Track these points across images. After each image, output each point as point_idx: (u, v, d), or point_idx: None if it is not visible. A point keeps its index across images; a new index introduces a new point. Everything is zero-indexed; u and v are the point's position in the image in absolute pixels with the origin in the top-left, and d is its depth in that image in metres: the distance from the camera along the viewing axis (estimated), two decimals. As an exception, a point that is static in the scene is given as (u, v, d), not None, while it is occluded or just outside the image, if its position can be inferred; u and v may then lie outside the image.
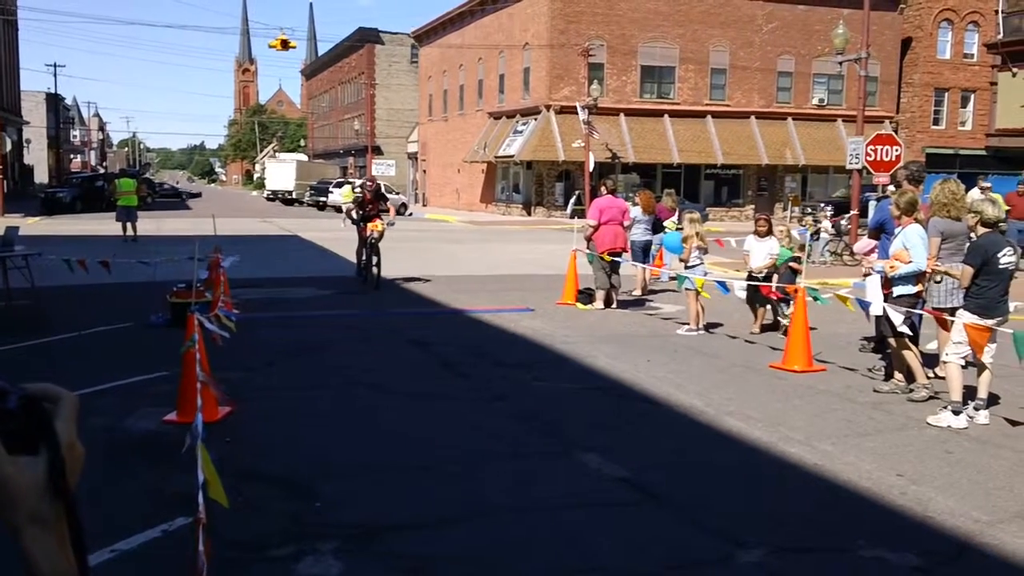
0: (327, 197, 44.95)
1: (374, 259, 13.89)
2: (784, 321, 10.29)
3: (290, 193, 56.76)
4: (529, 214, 41.49)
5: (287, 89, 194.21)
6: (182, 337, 6.29)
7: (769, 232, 10.49)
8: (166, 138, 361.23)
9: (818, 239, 16.96)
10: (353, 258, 15.23)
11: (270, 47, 34.45)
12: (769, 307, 10.73)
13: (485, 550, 4.31)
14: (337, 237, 25.90)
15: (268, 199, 61.09)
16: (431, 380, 8.01)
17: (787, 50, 42.30)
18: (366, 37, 67.07)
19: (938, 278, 7.29)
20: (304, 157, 70.79)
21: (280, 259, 19.04)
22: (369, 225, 13.93)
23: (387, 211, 14.56)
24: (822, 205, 32.21)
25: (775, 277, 10.45)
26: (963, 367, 6.72)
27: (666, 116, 40.57)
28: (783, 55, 42.31)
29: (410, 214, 46.07)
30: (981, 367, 6.78)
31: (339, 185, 45.72)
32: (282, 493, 5.07)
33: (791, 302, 9.46)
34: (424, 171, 59.02)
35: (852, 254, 19.17)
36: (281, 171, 59.21)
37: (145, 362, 8.06)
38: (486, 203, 47.12)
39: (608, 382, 7.95)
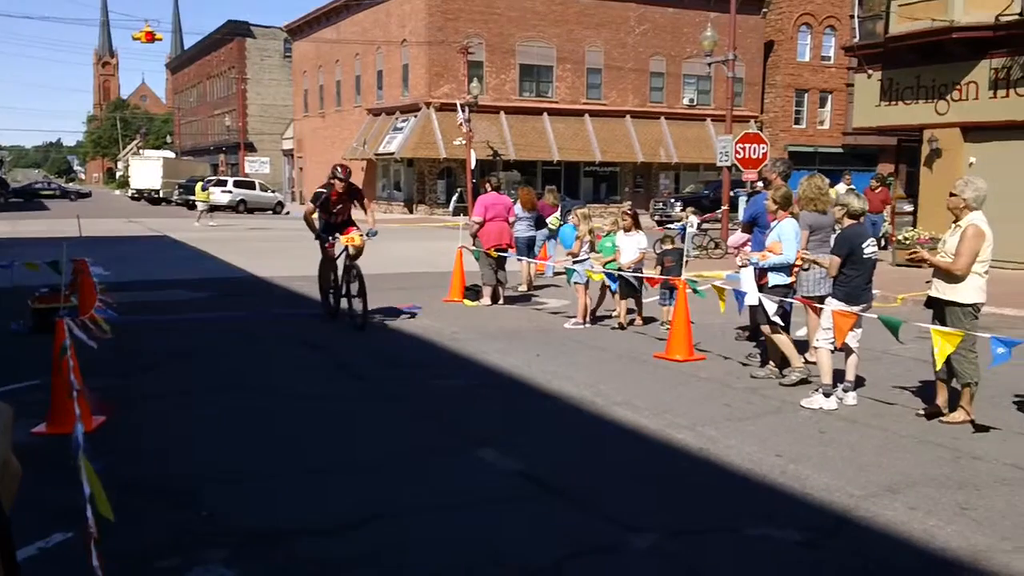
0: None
1: (354, 287, 10.06)
2: (634, 316, 10.68)
3: (157, 192, 54.60)
4: (411, 212, 41.29)
5: (151, 83, 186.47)
6: (48, 344, 5.96)
7: (636, 226, 10.71)
8: (19, 135, 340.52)
9: (683, 234, 17.55)
10: (231, 259, 14.18)
11: (134, 39, 33.02)
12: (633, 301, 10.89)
13: (387, 551, 4.27)
14: (209, 237, 25.10)
15: (133, 198, 58.58)
16: (321, 382, 7.87)
17: (658, 51, 43.58)
18: (236, 30, 65.13)
19: (806, 266, 7.68)
20: (171, 154, 68.12)
21: (151, 261, 18.27)
22: (343, 237, 10.13)
23: (367, 213, 10.71)
24: (672, 200, 33.34)
25: (658, 270, 10.75)
26: (832, 351, 7.10)
27: (545, 114, 41.15)
28: (655, 56, 43.57)
29: (287, 213, 45.04)
30: (848, 351, 7.19)
31: (218, 183, 44.30)
32: (166, 503, 4.88)
33: (673, 296, 9.74)
34: (301, 169, 57.83)
35: (717, 247, 19.95)
36: (147, 169, 56.85)
37: (8, 372, 7.60)
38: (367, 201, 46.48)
39: (500, 378, 8.01)
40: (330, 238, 10.26)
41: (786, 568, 4.13)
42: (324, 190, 10.15)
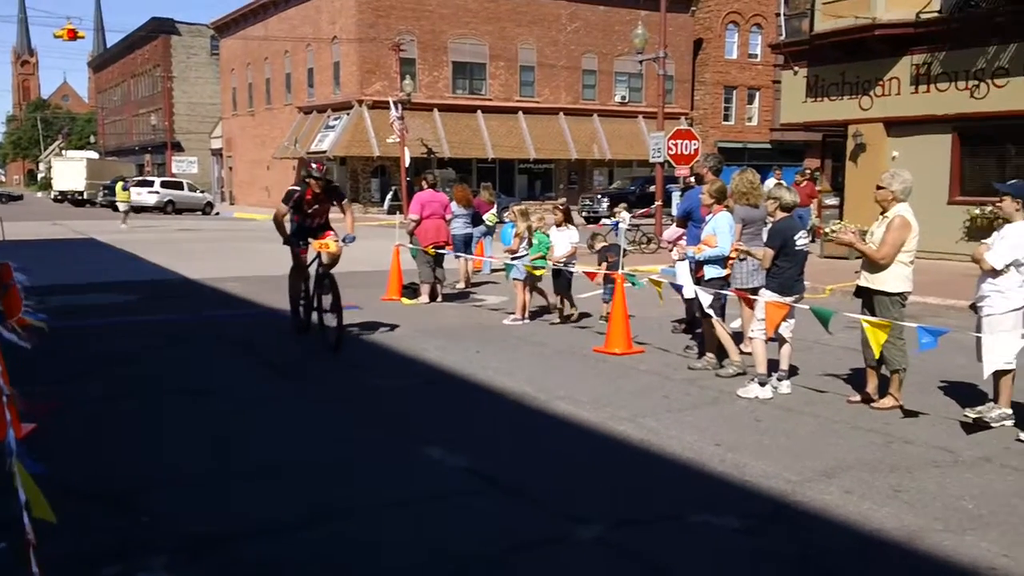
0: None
1: (326, 300, 8.87)
2: (571, 312, 10.71)
3: (81, 193, 53.01)
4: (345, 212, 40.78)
5: (73, 82, 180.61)
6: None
7: (567, 221, 10.78)
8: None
9: (616, 229, 17.76)
10: (161, 261, 13.64)
11: (56, 37, 31.96)
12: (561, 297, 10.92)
13: (334, 552, 4.24)
14: (136, 239, 24.49)
15: (56, 200, 56.75)
16: (261, 383, 7.76)
17: (590, 49, 43.94)
18: (161, 28, 63.62)
19: (741, 258, 7.84)
20: (95, 155, 66.20)
21: (78, 264, 17.73)
22: (316, 243, 9.10)
23: (345, 217, 9.54)
24: (599, 197, 33.68)
25: (603, 267, 10.84)
26: (765, 341, 7.26)
27: (479, 112, 41.15)
28: (587, 54, 43.91)
29: (216, 213, 44.21)
30: (782, 341, 7.37)
31: (145, 184, 43.22)
32: (104, 509, 4.76)
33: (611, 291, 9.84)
34: (230, 168, 56.76)
35: (650, 242, 20.23)
36: (70, 170, 55.13)
37: (-69, 380, 7.30)
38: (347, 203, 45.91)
39: (441, 375, 8.00)
40: (301, 243, 9.18)
41: (728, 554, 4.21)
42: (297, 188, 9.06)
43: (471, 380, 7.75)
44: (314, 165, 9.08)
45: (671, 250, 10.04)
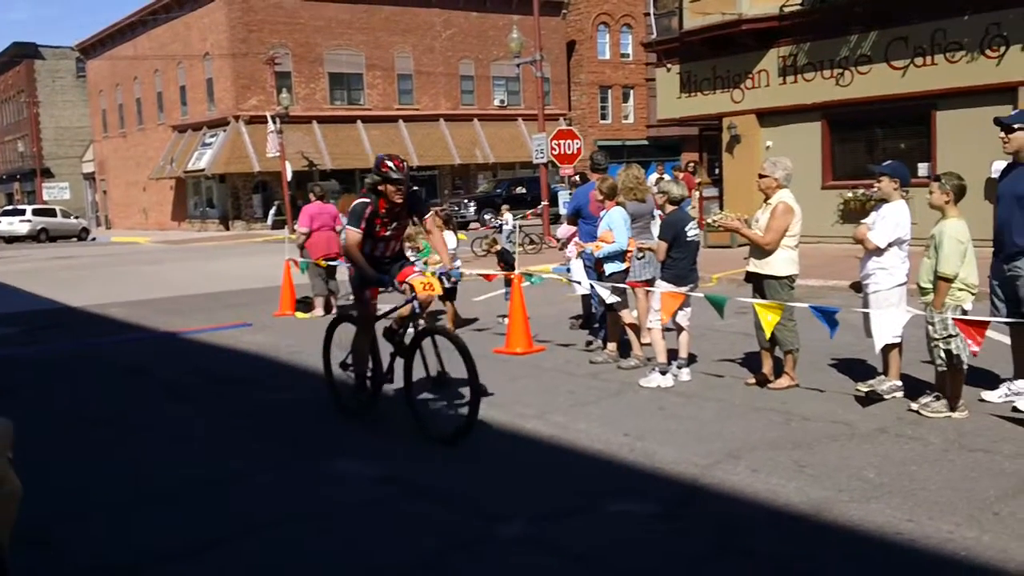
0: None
1: (431, 363, 6.08)
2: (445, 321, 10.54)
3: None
4: (227, 229, 39.71)
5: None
6: None
7: (446, 226, 10.69)
8: None
9: (501, 232, 17.87)
10: (39, 291, 12.69)
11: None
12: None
13: (254, 570, 4.07)
14: (11, 270, 23.13)
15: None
16: (157, 407, 7.43)
17: (466, 55, 44.07)
18: (23, 52, 60.40)
19: (641, 255, 7.97)
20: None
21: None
22: (416, 281, 6.15)
23: (431, 239, 6.82)
24: (466, 201, 33.74)
25: (501, 267, 10.81)
26: (664, 331, 7.39)
27: (359, 122, 40.70)
28: (463, 59, 44.02)
29: (93, 239, 42.28)
30: (680, 330, 7.51)
31: (16, 212, 41.05)
32: (10, 544, 4.42)
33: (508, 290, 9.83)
34: (105, 192, 54.37)
35: (533, 243, 20.40)
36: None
37: None
38: (179, 221, 44.42)
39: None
40: (388, 282, 6.16)
41: (648, 539, 4.25)
42: (368, 200, 6.13)
43: (375, 391, 7.59)
44: (391, 163, 6.01)
45: (563, 248, 10.11)
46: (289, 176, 33.29)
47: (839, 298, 10.55)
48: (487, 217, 32.69)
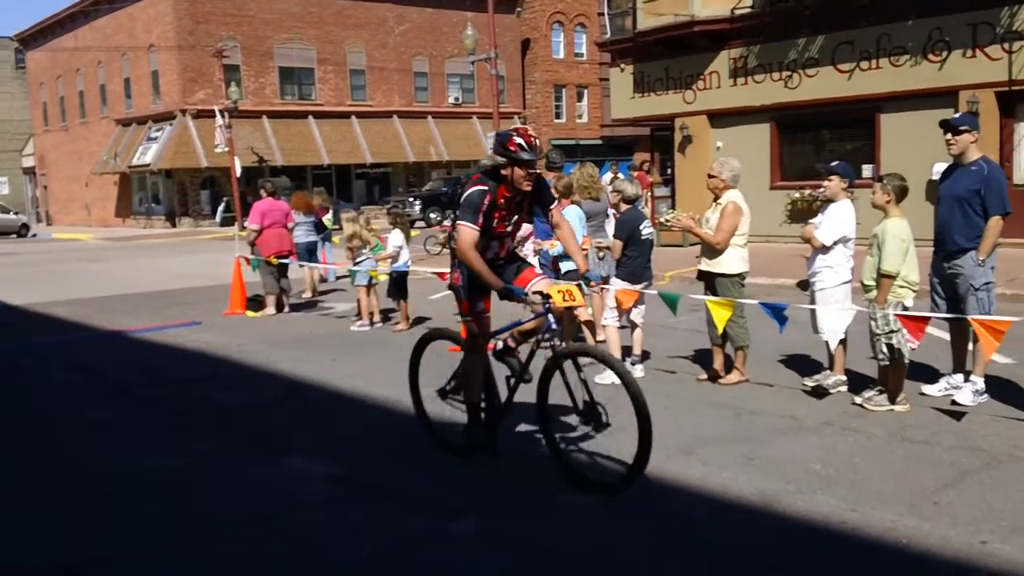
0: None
1: (577, 395, 4.95)
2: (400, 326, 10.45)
3: None
4: (174, 225, 39.07)
5: None
6: None
7: (394, 224, 10.65)
8: None
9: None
10: None
11: None
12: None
13: (205, 570, 4.04)
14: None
15: None
16: (104, 406, 7.29)
17: (420, 51, 43.90)
18: (-43, 42, 58.53)
19: (601, 255, 8.06)
20: None
21: None
22: (553, 289, 4.95)
23: (560, 233, 5.42)
24: (410, 199, 33.56)
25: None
26: (618, 328, 7.49)
27: (310, 117, 40.31)
28: (417, 56, 43.85)
29: (33, 235, 41.25)
30: (634, 327, 7.62)
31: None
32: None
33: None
34: (45, 187, 53.06)
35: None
36: None
37: None
38: (123, 217, 43.54)
39: (298, 385, 7.78)
40: (522, 293, 4.85)
41: (603, 532, 4.31)
42: (486, 187, 4.90)
43: (329, 387, 7.58)
44: (520, 139, 4.78)
45: (520, 247, 10.15)
46: (238, 172, 32.85)
47: (786, 296, 10.77)
48: (433, 216, 32.55)
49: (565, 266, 8.12)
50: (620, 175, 19.21)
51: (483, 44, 26.03)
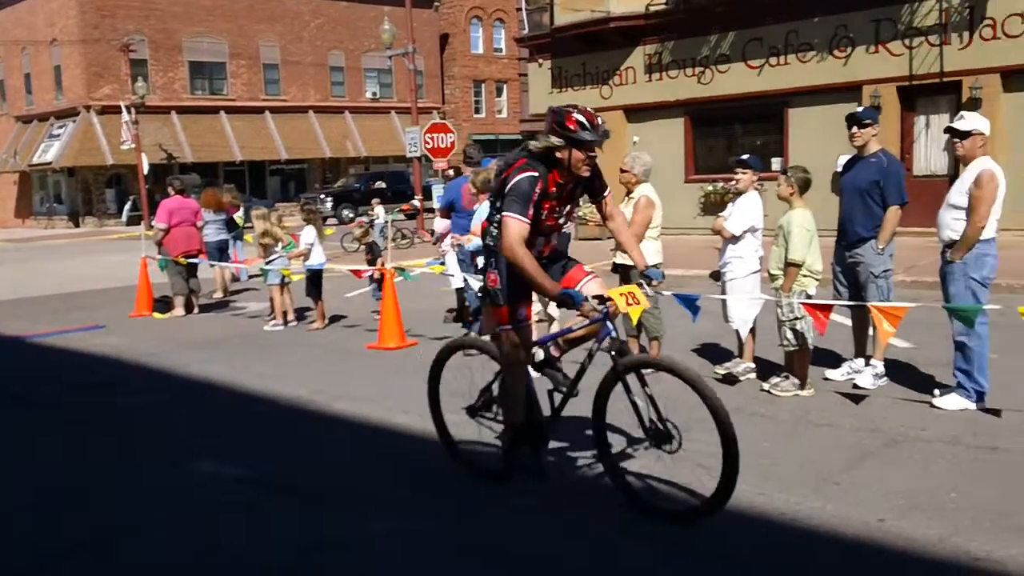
0: None
1: (652, 419, 4.25)
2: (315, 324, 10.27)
3: None
4: (77, 225, 37.68)
5: None
6: None
7: (307, 221, 10.47)
8: None
9: (373, 227, 17.70)
10: None
11: None
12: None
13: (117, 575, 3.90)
14: None
15: None
16: (2, 415, 6.98)
17: (336, 45, 43.30)
18: None
19: None
20: None
21: None
22: (615, 293, 4.29)
23: (614, 224, 4.82)
24: (322, 196, 33.15)
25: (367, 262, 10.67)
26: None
27: (222, 112, 39.36)
28: (333, 50, 43.24)
29: (-73, 237, 39.27)
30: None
31: None
32: None
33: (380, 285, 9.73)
34: (-61, 186, 50.46)
35: (405, 238, 20.31)
36: None
37: None
38: (23, 218, 41.82)
39: (207, 388, 7.57)
40: (582, 299, 4.14)
41: (529, 528, 4.30)
42: (536, 173, 4.21)
43: (241, 389, 7.39)
44: (582, 116, 4.15)
45: (438, 243, 10.11)
46: (146, 169, 31.86)
47: (699, 286, 10.96)
48: (345, 213, 32.14)
49: (483, 261, 8.07)
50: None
51: (401, 39, 25.82)
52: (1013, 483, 4.47)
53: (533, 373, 4.76)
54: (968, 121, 5.70)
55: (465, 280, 8.44)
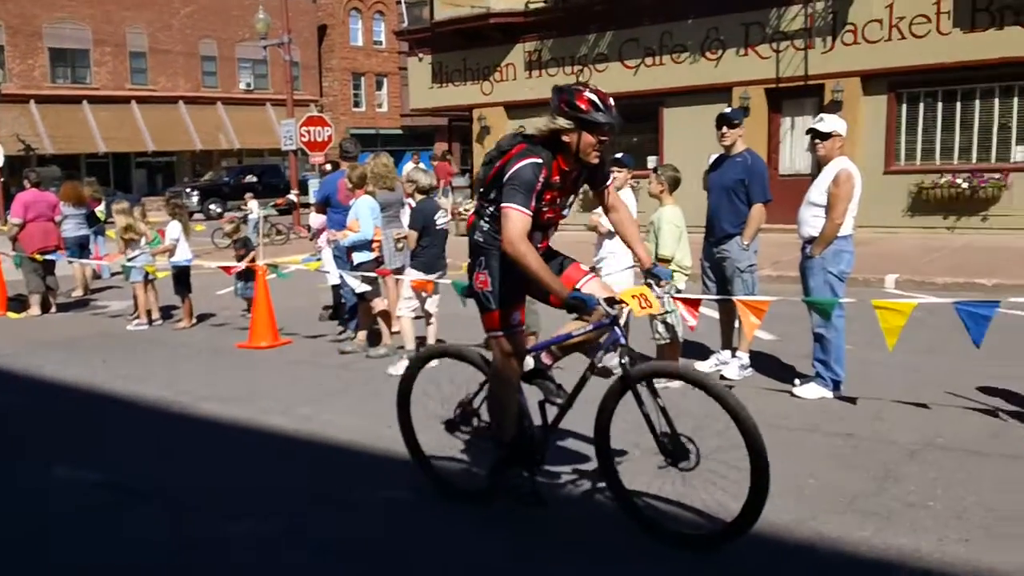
0: None
1: (686, 443, 3.74)
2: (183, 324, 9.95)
3: None
4: (-75, 220, 35.03)
5: None
6: None
7: (172, 216, 10.07)
8: None
9: (246, 222, 17.21)
10: None
11: None
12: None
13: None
14: None
15: None
16: None
17: (208, 34, 41.78)
18: None
19: (399, 244, 7.94)
20: None
21: None
22: (628, 295, 3.83)
23: (617, 222, 4.29)
24: (188, 191, 32.17)
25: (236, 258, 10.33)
26: (413, 319, 7.42)
27: (85, 102, 37.36)
28: (204, 39, 41.70)
29: None
30: (429, 317, 7.58)
31: None
32: None
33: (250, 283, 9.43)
34: None
35: (280, 234, 19.85)
36: None
37: None
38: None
39: (63, 390, 7.16)
40: (595, 303, 3.70)
41: (399, 525, 4.23)
42: (540, 160, 3.81)
43: (100, 391, 7.02)
44: (594, 96, 3.80)
45: (315, 239, 9.88)
46: (1, 161, 29.93)
47: (578, 282, 11.11)
48: (213, 208, 31.16)
49: (358, 257, 7.95)
50: (421, 164, 19.14)
51: (276, 28, 25.11)
52: (867, 468, 4.70)
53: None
54: (828, 123, 5.96)
55: (341, 277, 8.27)
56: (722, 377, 6.53)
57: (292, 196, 22.24)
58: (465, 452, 4.87)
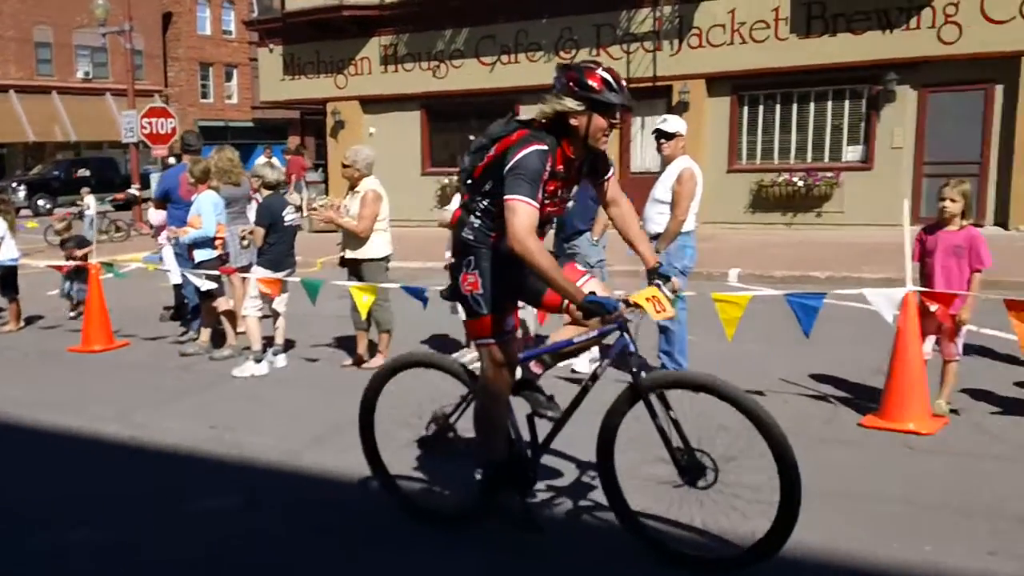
0: None
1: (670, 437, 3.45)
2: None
3: None
4: None
5: None
6: None
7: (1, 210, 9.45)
8: None
9: (82, 218, 16.27)
10: None
11: None
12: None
13: None
14: None
15: None
16: None
17: (43, 19, 39.18)
18: None
19: (245, 242, 7.65)
20: None
21: None
22: (640, 296, 3.45)
23: (618, 218, 3.82)
24: (13, 185, 30.39)
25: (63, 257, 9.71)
26: (260, 319, 7.16)
27: (-99, 89, 34.33)
28: (39, 25, 39.08)
29: None
30: (276, 316, 7.34)
31: None
32: None
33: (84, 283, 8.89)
34: None
35: (119, 231, 18.90)
36: None
37: None
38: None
39: None
40: (615, 306, 3.30)
41: (228, 532, 4.06)
42: (545, 147, 3.37)
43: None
44: (607, 74, 3.47)
45: (156, 236, 9.40)
46: None
47: (433, 278, 11.06)
48: (41, 203, 29.34)
49: (200, 255, 7.60)
50: (274, 159, 18.59)
51: (116, 15, 23.78)
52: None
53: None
54: (671, 123, 6.18)
55: (183, 275, 7.90)
56: (573, 371, 6.62)
57: (133, 190, 21.09)
58: (439, 472, 4.49)
